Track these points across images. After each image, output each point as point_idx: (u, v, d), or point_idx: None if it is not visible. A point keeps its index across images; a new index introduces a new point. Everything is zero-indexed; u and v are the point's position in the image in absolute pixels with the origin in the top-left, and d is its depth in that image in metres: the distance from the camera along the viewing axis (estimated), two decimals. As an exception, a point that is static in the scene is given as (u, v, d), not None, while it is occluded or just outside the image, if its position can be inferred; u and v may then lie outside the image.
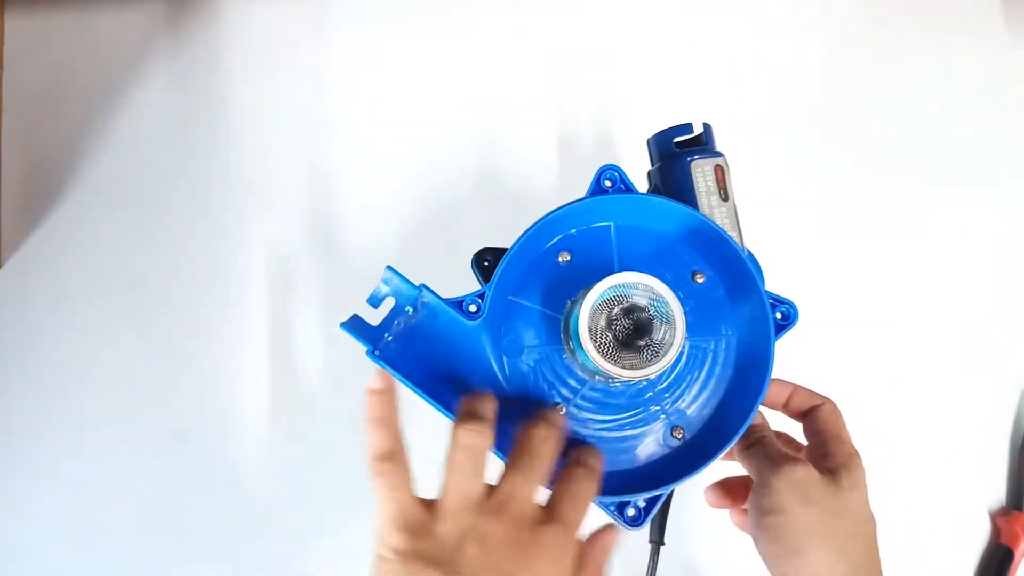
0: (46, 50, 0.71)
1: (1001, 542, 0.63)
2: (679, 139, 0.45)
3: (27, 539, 0.62)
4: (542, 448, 0.35)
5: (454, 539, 0.32)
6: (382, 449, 0.34)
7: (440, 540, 0.32)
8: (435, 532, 0.32)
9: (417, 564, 0.31)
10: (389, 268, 0.39)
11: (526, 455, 0.35)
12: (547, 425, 0.36)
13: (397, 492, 0.33)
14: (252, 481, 0.63)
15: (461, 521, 0.32)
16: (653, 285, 0.38)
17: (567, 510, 0.34)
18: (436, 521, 0.33)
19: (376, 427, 0.34)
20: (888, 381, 0.66)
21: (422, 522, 0.33)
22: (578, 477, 0.36)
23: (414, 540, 0.32)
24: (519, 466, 0.35)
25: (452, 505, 0.33)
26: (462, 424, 0.34)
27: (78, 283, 0.66)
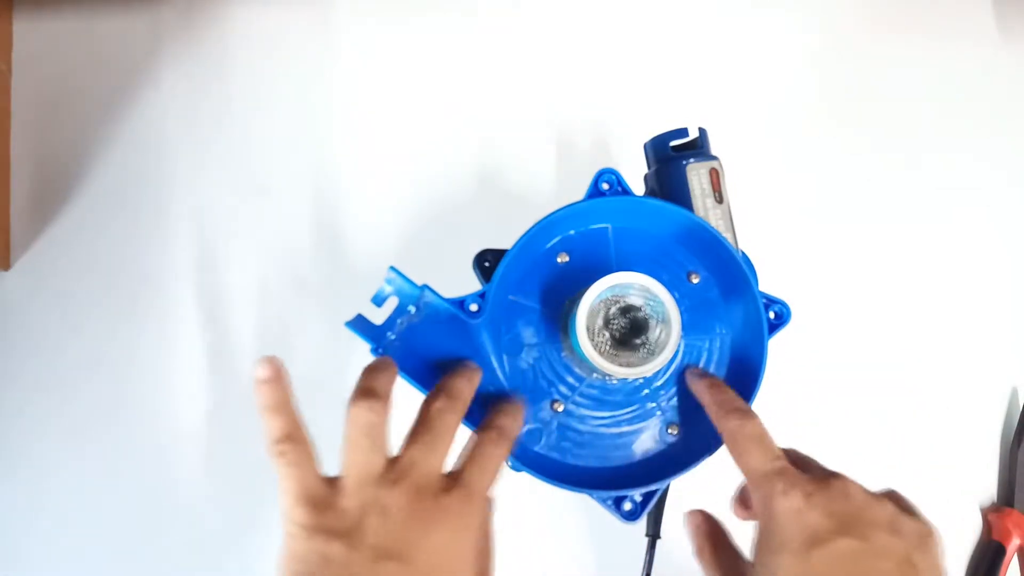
0: (54, 54, 0.72)
1: (993, 538, 0.64)
2: (675, 143, 0.46)
3: (31, 539, 0.63)
4: (439, 421, 0.35)
5: (356, 511, 0.32)
6: (280, 432, 0.34)
7: (342, 513, 0.32)
8: (337, 506, 0.33)
9: (321, 537, 0.32)
10: (392, 268, 0.40)
11: (423, 426, 0.35)
12: (446, 397, 0.36)
13: (298, 469, 0.33)
14: (257, 480, 0.64)
15: (362, 494, 0.33)
16: (649, 285, 0.39)
17: (472, 475, 0.35)
18: (338, 495, 0.33)
19: (271, 413, 0.34)
20: (880, 379, 0.67)
21: (324, 497, 0.33)
22: (486, 441, 0.36)
23: (317, 514, 0.32)
24: (417, 437, 0.35)
25: (352, 479, 0.33)
26: (357, 401, 0.34)
27: (87, 284, 0.67)
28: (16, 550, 0.63)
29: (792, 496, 0.33)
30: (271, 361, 0.35)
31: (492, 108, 0.72)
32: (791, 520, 0.33)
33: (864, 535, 0.32)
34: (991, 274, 0.70)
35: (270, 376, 0.35)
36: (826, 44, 0.74)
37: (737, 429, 0.37)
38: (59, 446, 0.65)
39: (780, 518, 0.33)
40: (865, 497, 0.34)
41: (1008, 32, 0.75)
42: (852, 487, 0.34)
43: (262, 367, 0.35)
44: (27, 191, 0.69)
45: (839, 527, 0.32)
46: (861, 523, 0.33)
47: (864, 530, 0.32)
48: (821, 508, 0.33)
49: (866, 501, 0.34)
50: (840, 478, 0.35)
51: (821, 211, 0.70)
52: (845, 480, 0.35)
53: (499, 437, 0.37)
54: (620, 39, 0.74)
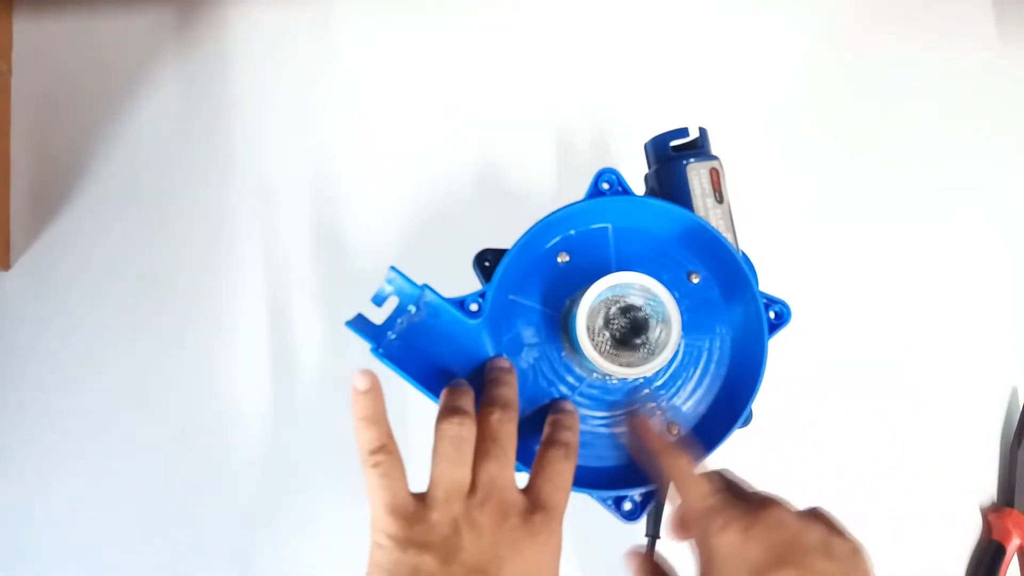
0: (54, 54, 0.72)
1: (993, 538, 0.64)
2: (675, 143, 0.46)
3: (32, 539, 0.63)
4: (502, 430, 0.36)
5: (446, 526, 0.33)
6: (374, 444, 0.35)
7: (433, 527, 0.33)
8: (427, 519, 0.33)
9: (412, 549, 0.32)
10: (392, 268, 0.40)
11: (490, 440, 0.36)
12: (501, 408, 0.37)
13: (390, 481, 0.34)
14: (258, 479, 0.64)
15: (452, 509, 0.33)
16: (649, 285, 0.39)
17: (550, 495, 0.35)
18: (428, 509, 0.34)
19: (366, 425, 0.35)
20: (880, 379, 0.67)
21: (415, 510, 0.34)
22: (554, 459, 0.37)
23: (408, 527, 0.33)
24: (487, 453, 0.35)
25: (442, 493, 0.34)
26: (447, 417, 0.35)
27: (86, 284, 0.67)
28: (17, 549, 0.63)
29: (729, 532, 0.34)
30: (369, 373, 0.36)
31: (492, 108, 0.72)
32: (731, 557, 0.34)
33: (802, 564, 0.33)
34: (991, 274, 0.70)
35: (369, 387, 0.35)
36: (826, 44, 0.74)
37: (669, 467, 0.38)
38: (59, 446, 0.65)
39: (720, 555, 0.34)
40: (798, 523, 0.35)
41: (1008, 32, 0.75)
42: (784, 514, 0.35)
43: (361, 378, 0.35)
44: (27, 191, 0.69)
45: (777, 559, 0.33)
46: (798, 552, 0.34)
47: (801, 559, 0.33)
48: (758, 541, 0.34)
49: (799, 527, 0.35)
50: (772, 505, 0.36)
51: (821, 211, 0.70)
52: (778, 507, 0.36)
53: (567, 452, 0.37)
54: (620, 39, 0.74)
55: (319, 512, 0.63)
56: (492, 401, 0.37)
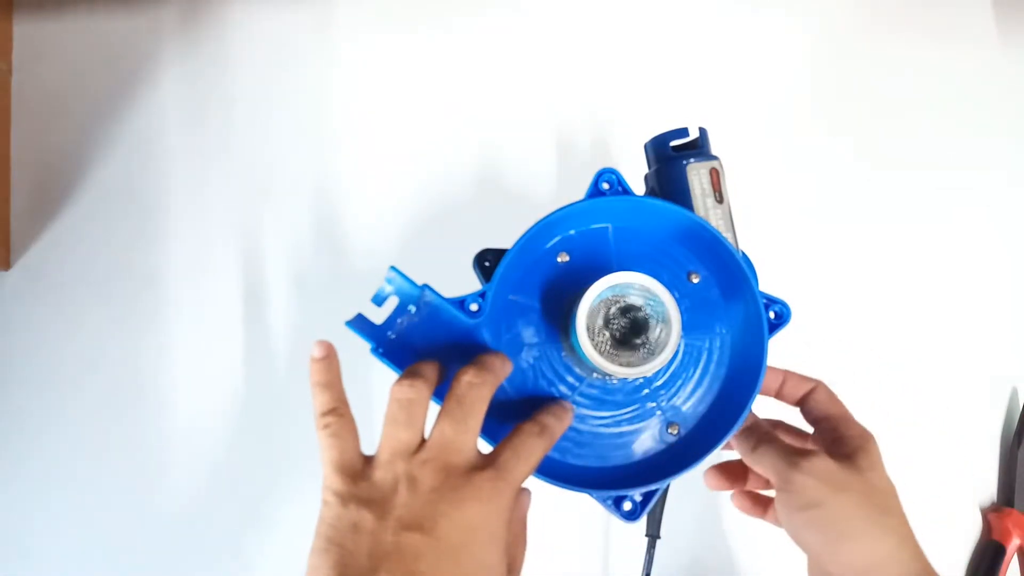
0: (55, 54, 0.72)
1: (992, 538, 0.64)
2: (675, 143, 0.46)
3: (32, 537, 0.63)
4: (470, 393, 0.35)
5: (388, 483, 0.34)
6: (327, 407, 0.36)
7: (375, 484, 0.34)
8: (371, 477, 0.34)
9: (353, 505, 0.33)
10: (392, 268, 0.40)
11: (454, 401, 0.35)
12: (477, 370, 0.36)
13: (339, 441, 0.35)
14: (258, 478, 0.64)
15: (394, 467, 0.34)
16: (649, 285, 0.39)
17: (507, 459, 0.35)
18: (372, 468, 0.34)
19: (321, 390, 0.36)
20: (880, 379, 0.67)
21: (360, 469, 0.35)
22: (525, 432, 0.37)
23: (351, 484, 0.34)
24: (449, 412, 0.35)
25: (386, 453, 0.35)
26: (400, 381, 0.36)
27: (86, 283, 0.67)
28: (18, 548, 0.63)
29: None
30: (325, 343, 0.37)
31: (492, 108, 0.72)
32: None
33: None
34: (991, 274, 0.70)
35: (324, 355, 0.37)
36: (826, 45, 0.74)
37: None
38: (59, 445, 0.65)
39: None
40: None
41: (1008, 33, 0.75)
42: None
43: (318, 348, 0.37)
44: (27, 191, 0.69)
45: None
46: None
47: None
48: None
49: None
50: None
51: (821, 211, 0.70)
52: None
53: (541, 431, 0.37)
54: (620, 39, 0.74)
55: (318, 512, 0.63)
56: (471, 363, 0.37)
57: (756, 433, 0.43)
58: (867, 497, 0.39)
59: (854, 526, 0.38)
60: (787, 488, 0.39)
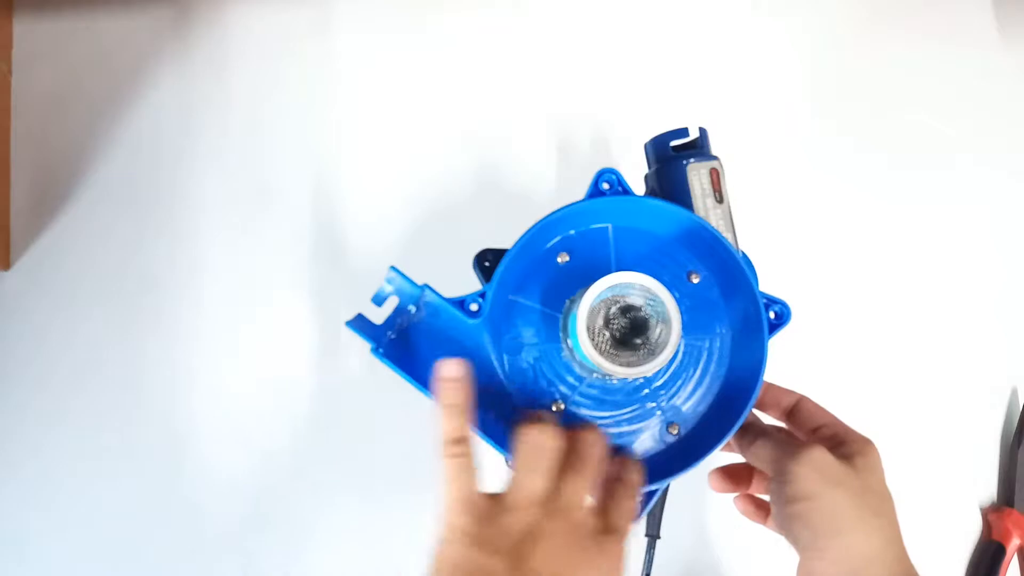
0: (55, 54, 0.72)
1: (992, 538, 0.64)
2: (676, 143, 0.46)
3: (33, 537, 0.63)
4: (593, 452, 0.36)
5: (519, 532, 0.33)
6: (455, 435, 0.34)
7: (506, 530, 0.33)
8: (501, 522, 0.33)
9: (483, 549, 0.32)
10: (392, 268, 0.40)
11: (579, 458, 0.36)
12: (596, 432, 0.37)
13: (467, 475, 0.34)
14: (258, 478, 0.64)
15: (527, 516, 0.33)
16: (649, 285, 0.39)
17: (622, 522, 0.36)
18: (503, 511, 0.33)
19: (450, 413, 0.35)
20: (880, 379, 0.67)
21: (489, 510, 0.33)
22: (624, 491, 0.38)
23: (480, 525, 0.33)
24: (575, 468, 0.35)
25: (519, 499, 0.34)
26: (533, 424, 0.35)
27: (87, 284, 0.67)
28: (17, 549, 0.63)
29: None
30: (462, 362, 0.36)
31: (492, 108, 0.72)
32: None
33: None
34: (991, 274, 0.70)
35: (459, 376, 0.35)
36: (826, 45, 0.74)
37: None
38: (60, 446, 0.65)
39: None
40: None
41: (1008, 33, 0.75)
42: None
43: (452, 365, 0.35)
44: (27, 191, 0.69)
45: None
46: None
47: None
48: None
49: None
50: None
51: (821, 211, 0.70)
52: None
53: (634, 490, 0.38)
54: (620, 39, 0.74)
55: (320, 512, 0.63)
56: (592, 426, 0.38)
57: (754, 429, 0.43)
58: (861, 496, 0.39)
59: (843, 522, 0.38)
60: (781, 478, 0.39)
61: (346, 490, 0.63)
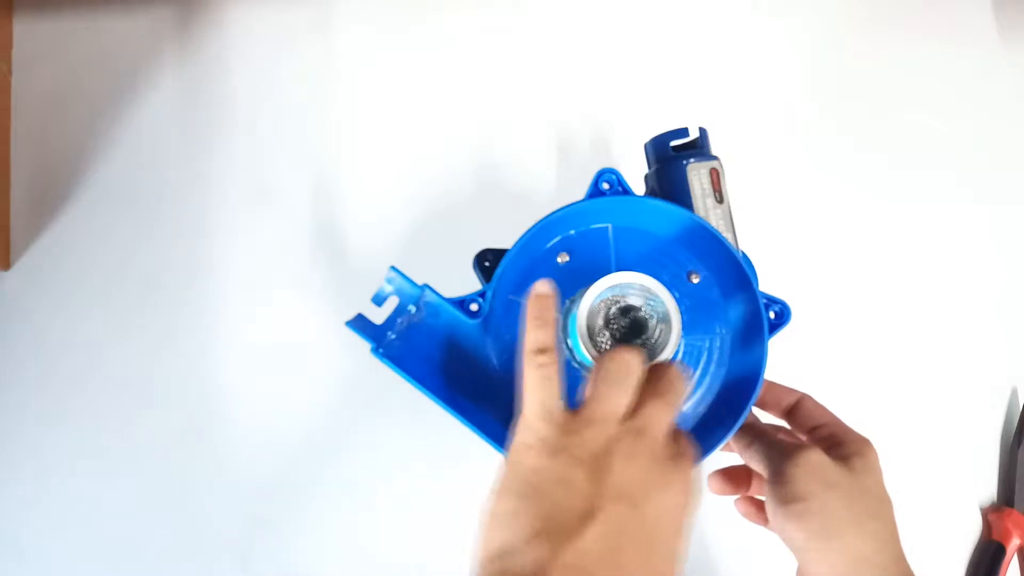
0: (54, 54, 0.72)
1: (992, 538, 0.64)
2: (676, 143, 0.46)
3: (33, 537, 0.63)
4: (680, 384, 0.36)
5: (599, 445, 0.32)
6: (543, 343, 0.34)
7: (587, 441, 0.32)
8: (582, 434, 0.32)
9: (564, 457, 0.32)
10: (393, 268, 0.40)
11: (667, 383, 0.35)
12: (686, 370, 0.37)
13: (551, 384, 0.34)
14: (258, 479, 0.64)
15: (608, 429, 0.33)
16: (650, 285, 0.39)
17: (694, 450, 0.35)
18: (584, 424, 0.33)
19: (538, 325, 0.35)
20: (880, 379, 0.67)
21: (570, 420, 0.33)
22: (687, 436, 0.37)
23: (562, 435, 0.32)
24: (663, 393, 0.35)
25: (601, 413, 0.33)
26: (617, 349, 0.35)
27: (86, 284, 0.67)
28: (17, 549, 0.63)
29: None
30: (550, 282, 0.36)
31: (492, 108, 0.72)
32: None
33: None
34: (991, 274, 0.70)
35: (549, 292, 0.36)
36: (826, 45, 0.74)
37: None
38: (60, 446, 0.65)
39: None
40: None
41: (1008, 32, 0.75)
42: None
43: (542, 284, 0.36)
44: (27, 191, 0.69)
45: None
46: None
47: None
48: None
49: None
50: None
51: (821, 211, 0.70)
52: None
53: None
54: (620, 39, 0.74)
55: (320, 512, 0.63)
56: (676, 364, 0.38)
57: (753, 430, 0.43)
58: (856, 498, 0.38)
59: (838, 524, 0.38)
60: (777, 479, 0.39)
61: (346, 491, 0.63)
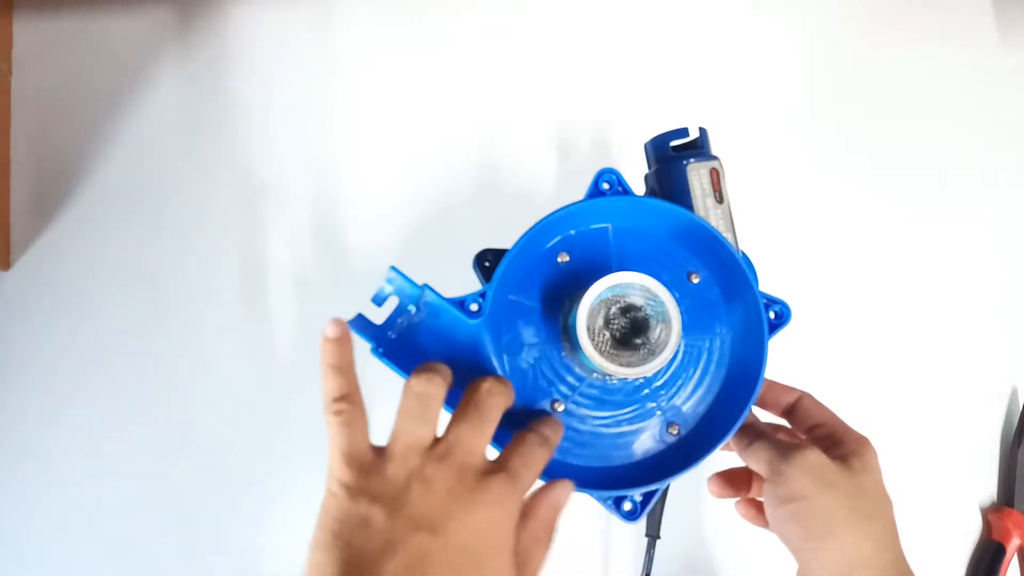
0: (54, 54, 0.72)
1: (992, 538, 0.64)
2: (676, 143, 0.46)
3: (33, 537, 0.63)
4: (488, 400, 0.35)
5: (400, 480, 0.33)
6: (339, 392, 0.35)
7: (386, 479, 0.33)
8: (382, 472, 0.33)
9: (363, 499, 0.32)
10: (393, 268, 0.40)
11: (472, 405, 0.35)
12: (496, 380, 0.36)
13: (350, 430, 0.34)
14: (260, 478, 0.64)
15: (408, 463, 0.33)
16: (650, 285, 0.39)
17: (516, 464, 0.35)
18: (384, 462, 0.33)
19: (333, 372, 0.35)
20: (880, 379, 0.67)
21: (371, 462, 0.33)
22: (530, 441, 0.36)
23: (362, 477, 0.33)
24: (465, 416, 0.35)
25: (400, 448, 0.33)
26: (417, 374, 0.35)
27: (87, 283, 0.67)
28: (17, 549, 0.63)
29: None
30: (339, 322, 0.35)
31: (492, 108, 0.72)
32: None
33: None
34: (990, 274, 0.70)
35: (338, 336, 0.35)
36: (826, 45, 0.75)
37: None
38: (60, 445, 0.65)
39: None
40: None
41: (1008, 33, 0.75)
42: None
43: (332, 326, 0.35)
44: (27, 191, 0.69)
45: None
46: None
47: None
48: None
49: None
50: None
51: (821, 211, 0.70)
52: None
53: (544, 442, 0.37)
54: (620, 39, 0.74)
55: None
56: (488, 375, 0.37)
57: (752, 430, 0.43)
58: (854, 498, 0.38)
59: (835, 524, 0.38)
60: (776, 479, 0.39)
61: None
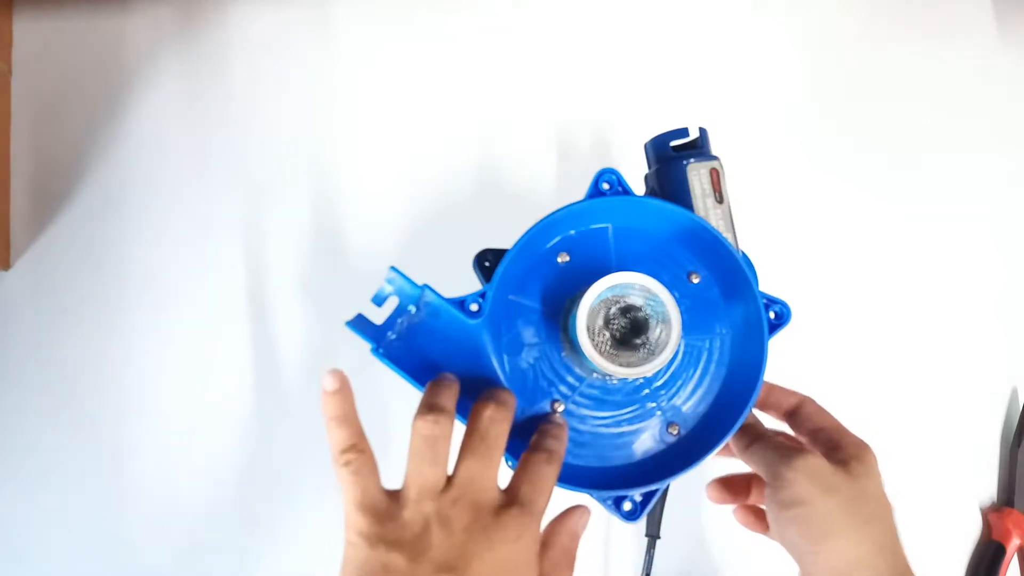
0: (54, 54, 0.72)
1: (993, 538, 0.64)
2: (676, 143, 0.46)
3: (31, 537, 0.63)
4: (492, 429, 0.36)
5: (417, 524, 0.33)
6: (346, 443, 0.35)
7: (404, 525, 0.33)
8: (399, 517, 0.33)
9: (381, 547, 0.32)
10: (393, 268, 0.40)
11: (477, 437, 0.35)
12: (496, 406, 0.36)
13: (361, 479, 0.34)
14: (260, 480, 0.64)
15: (423, 507, 0.33)
16: (649, 285, 0.39)
17: (527, 493, 0.35)
18: (399, 507, 0.33)
19: (337, 425, 0.35)
20: (880, 379, 0.67)
21: (386, 508, 0.33)
22: (536, 462, 0.37)
23: (379, 525, 0.33)
24: (472, 449, 0.35)
25: (414, 492, 0.34)
26: (422, 415, 0.35)
27: (86, 284, 0.67)
28: (17, 549, 0.63)
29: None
30: (338, 373, 0.36)
31: (492, 108, 0.72)
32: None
33: None
34: (990, 274, 0.70)
35: (338, 388, 0.35)
36: (826, 45, 0.74)
37: None
38: (59, 446, 0.65)
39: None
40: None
41: (1008, 32, 0.75)
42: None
43: (330, 379, 0.35)
44: (27, 191, 0.69)
45: None
46: None
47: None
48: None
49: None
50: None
51: (821, 211, 0.70)
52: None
53: (550, 458, 0.37)
54: (620, 39, 0.74)
55: (319, 512, 0.63)
56: (487, 397, 0.37)
57: (752, 431, 0.43)
58: (854, 502, 0.38)
59: (835, 528, 0.38)
60: (776, 483, 0.39)
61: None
